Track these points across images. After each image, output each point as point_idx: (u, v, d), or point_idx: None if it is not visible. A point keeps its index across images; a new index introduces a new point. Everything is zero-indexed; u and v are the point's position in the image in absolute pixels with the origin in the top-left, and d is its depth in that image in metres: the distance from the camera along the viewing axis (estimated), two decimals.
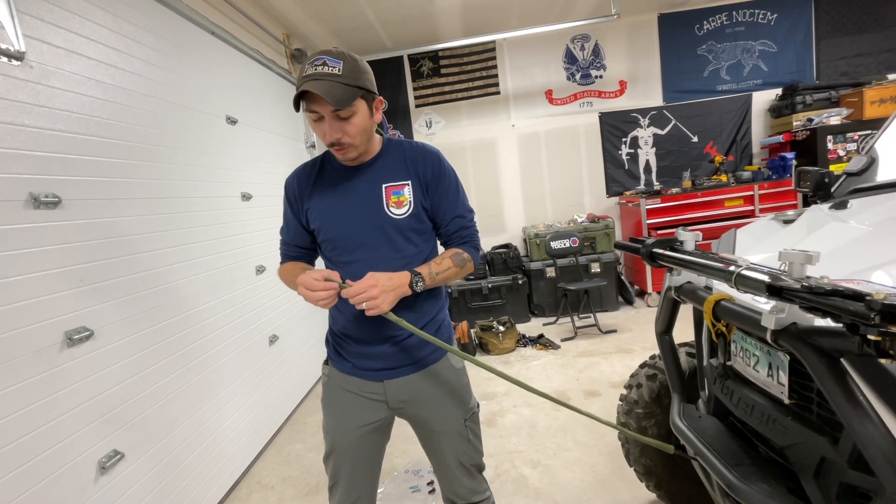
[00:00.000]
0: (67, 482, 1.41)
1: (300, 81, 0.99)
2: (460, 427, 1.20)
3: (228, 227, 2.52)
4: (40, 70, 1.48)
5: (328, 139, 1.05)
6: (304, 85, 0.97)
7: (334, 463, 1.21)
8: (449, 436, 1.20)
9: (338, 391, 1.20)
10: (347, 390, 1.18)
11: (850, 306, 0.60)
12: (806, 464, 0.88)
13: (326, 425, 1.22)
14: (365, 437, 1.19)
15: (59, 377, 1.42)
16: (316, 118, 1.03)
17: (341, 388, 1.19)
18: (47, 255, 1.43)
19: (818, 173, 1.57)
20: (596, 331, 3.88)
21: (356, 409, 1.18)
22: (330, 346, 1.23)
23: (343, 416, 1.18)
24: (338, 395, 1.20)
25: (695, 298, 1.14)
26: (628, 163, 4.92)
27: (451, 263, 1.13)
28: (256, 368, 2.62)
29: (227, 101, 2.69)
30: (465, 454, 1.22)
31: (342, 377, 1.19)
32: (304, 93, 0.98)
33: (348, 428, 1.18)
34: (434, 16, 4.01)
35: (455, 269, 1.13)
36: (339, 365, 1.20)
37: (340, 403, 1.19)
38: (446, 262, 1.13)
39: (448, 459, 1.21)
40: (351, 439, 1.18)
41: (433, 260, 1.13)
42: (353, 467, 1.20)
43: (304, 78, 0.99)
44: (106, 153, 1.72)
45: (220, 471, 2.17)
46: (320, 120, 1.03)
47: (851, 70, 4.59)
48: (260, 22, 3.21)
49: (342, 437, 1.18)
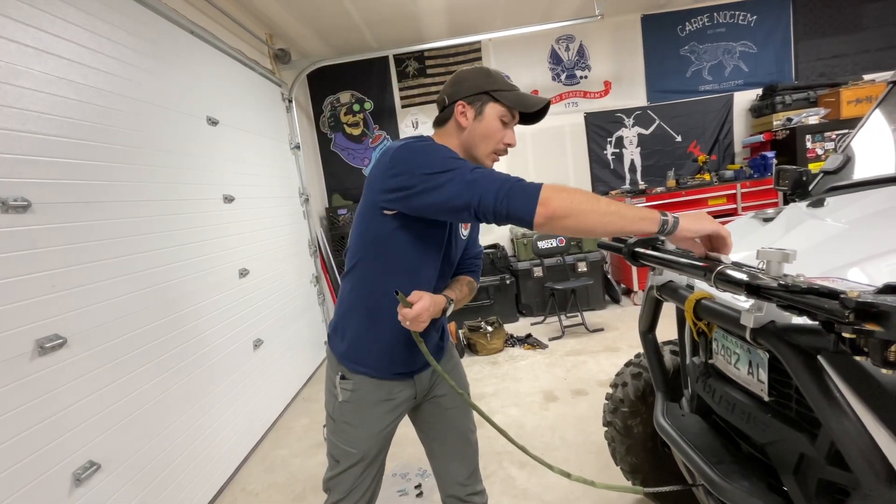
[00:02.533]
0: (40, 496, 1.36)
1: (514, 87, 1.10)
2: (467, 396, 1.23)
3: (210, 230, 2.47)
4: (7, 69, 1.43)
5: (508, 142, 1.11)
6: (532, 96, 1.09)
7: (360, 473, 1.17)
8: (460, 409, 1.26)
9: (370, 400, 1.14)
10: (380, 398, 1.15)
11: (825, 304, 0.60)
12: (786, 461, 0.89)
13: (356, 436, 1.15)
14: (387, 439, 1.20)
15: (30, 387, 1.37)
16: (508, 121, 1.09)
17: (374, 396, 1.14)
18: (16, 261, 1.38)
19: (796, 172, 1.59)
20: (583, 330, 3.90)
21: (385, 414, 1.16)
22: (363, 354, 1.14)
23: (375, 424, 1.15)
24: (370, 405, 1.14)
25: (676, 297, 1.14)
26: (613, 162, 4.97)
27: (467, 291, 1.23)
28: (240, 374, 2.58)
29: (208, 102, 2.65)
30: (471, 431, 1.30)
31: (375, 384, 1.13)
32: (523, 96, 1.08)
33: (378, 433, 1.16)
34: (419, 16, 3.99)
35: (468, 297, 1.24)
36: (376, 372, 1.13)
37: (373, 411, 1.15)
38: (465, 289, 1.22)
39: (458, 436, 1.26)
40: (380, 443, 1.18)
41: (455, 287, 1.20)
42: (377, 472, 1.22)
43: (517, 88, 1.10)
44: (80, 155, 1.67)
45: (202, 479, 2.13)
46: (508, 125, 1.10)
47: (829, 71, 4.69)
48: (242, 22, 3.16)
49: (374, 444, 1.16)
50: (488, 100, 1.07)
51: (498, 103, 1.07)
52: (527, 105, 1.07)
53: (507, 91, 1.07)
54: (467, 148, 1.10)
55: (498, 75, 1.10)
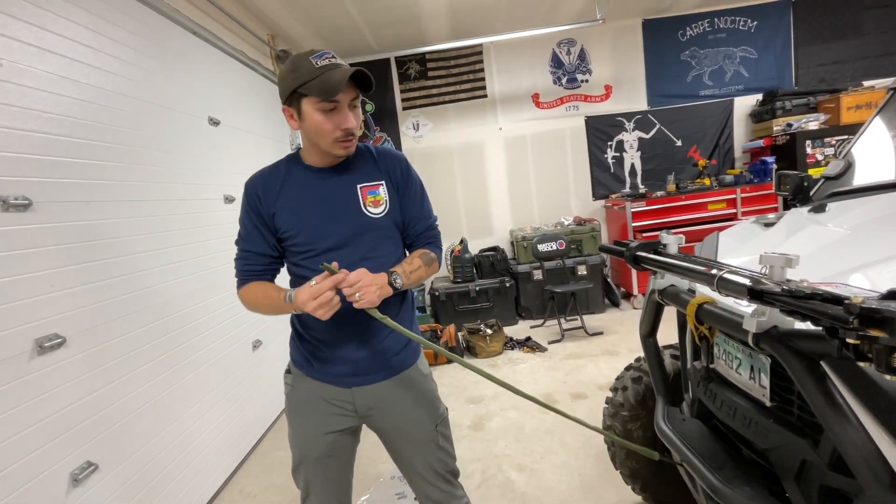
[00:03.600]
0: (38, 496, 1.35)
1: (320, 71, 0.99)
2: (432, 433, 1.18)
3: (210, 230, 2.46)
4: (10, 68, 1.43)
5: (345, 127, 1.03)
6: (340, 70, 0.99)
7: (305, 474, 1.17)
8: (420, 442, 1.18)
9: (305, 398, 1.16)
10: (315, 396, 1.15)
11: (828, 310, 0.60)
12: (787, 466, 0.88)
13: (294, 436, 1.18)
14: (335, 443, 1.16)
15: (29, 386, 1.37)
16: (330, 108, 1.01)
17: (309, 394, 1.15)
18: (17, 260, 1.37)
19: (797, 177, 1.59)
20: (583, 333, 3.89)
21: (324, 415, 1.15)
22: (297, 351, 1.19)
23: (311, 424, 1.15)
24: (304, 403, 1.16)
25: (678, 301, 1.14)
26: (614, 166, 4.97)
27: (420, 262, 1.14)
28: (239, 375, 2.57)
29: (210, 102, 2.65)
30: (439, 461, 1.20)
31: (310, 383, 1.15)
32: (327, 78, 0.98)
33: (317, 435, 1.14)
34: (420, 18, 4.00)
35: (425, 268, 1.15)
36: (307, 370, 1.16)
37: (308, 411, 1.16)
38: (416, 261, 1.14)
39: (421, 468, 1.19)
40: (321, 447, 1.15)
41: (404, 260, 1.14)
42: (325, 475, 1.17)
43: (327, 67, 1.00)
44: (81, 154, 1.67)
45: (200, 480, 2.12)
46: (333, 111, 1.02)
47: (829, 76, 4.71)
48: (244, 22, 3.16)
49: (312, 446, 1.15)
50: (300, 97, 1.02)
51: (309, 97, 1.01)
52: (329, 90, 0.98)
53: (312, 80, 0.99)
54: (315, 146, 1.09)
55: (303, 63, 1.01)
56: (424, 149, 4.88)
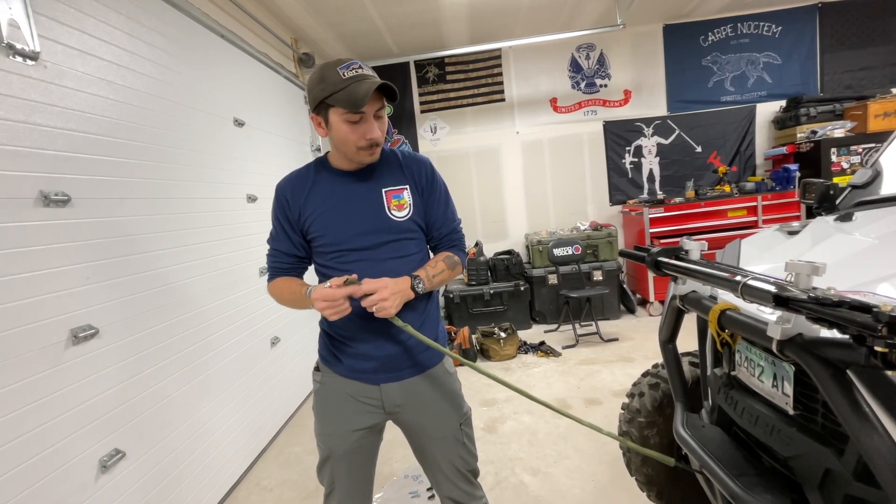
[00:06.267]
0: (69, 480, 1.41)
1: (346, 83, 1.01)
2: (456, 431, 1.21)
3: (233, 228, 2.53)
4: (54, 70, 1.50)
5: (370, 137, 1.06)
6: (366, 82, 1.00)
7: (331, 470, 1.20)
8: (445, 440, 1.20)
9: (333, 395, 1.19)
10: (344, 393, 1.18)
11: (857, 317, 0.60)
12: (810, 475, 0.88)
13: (322, 431, 1.21)
14: (361, 441, 1.19)
15: (64, 375, 1.43)
16: (356, 119, 1.04)
17: (337, 391, 1.18)
18: (56, 253, 1.44)
19: (823, 185, 1.57)
20: (597, 339, 3.87)
21: (352, 412, 1.17)
22: (326, 348, 1.22)
23: (339, 421, 1.18)
24: (333, 400, 1.19)
25: (700, 308, 1.14)
26: (632, 171, 4.94)
27: (444, 266, 1.18)
28: (257, 370, 2.62)
29: (235, 104, 2.72)
30: (461, 459, 1.22)
31: (338, 381, 1.18)
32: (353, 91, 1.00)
33: (345, 432, 1.17)
34: (441, 23, 4.04)
35: (448, 271, 1.18)
36: (335, 367, 1.19)
37: (336, 408, 1.18)
38: (440, 264, 1.17)
39: (444, 465, 1.21)
40: (348, 444, 1.17)
41: (427, 263, 1.17)
42: (350, 473, 1.20)
43: (354, 78, 1.01)
44: (115, 153, 1.73)
45: (219, 472, 2.17)
46: (358, 122, 1.04)
47: (855, 83, 4.61)
48: (268, 26, 3.24)
49: (340, 443, 1.18)
50: (327, 107, 1.05)
51: (335, 108, 1.04)
52: (356, 102, 1.00)
53: (338, 92, 1.01)
54: (341, 153, 1.12)
55: (330, 74, 1.02)
56: (441, 151, 4.91)
